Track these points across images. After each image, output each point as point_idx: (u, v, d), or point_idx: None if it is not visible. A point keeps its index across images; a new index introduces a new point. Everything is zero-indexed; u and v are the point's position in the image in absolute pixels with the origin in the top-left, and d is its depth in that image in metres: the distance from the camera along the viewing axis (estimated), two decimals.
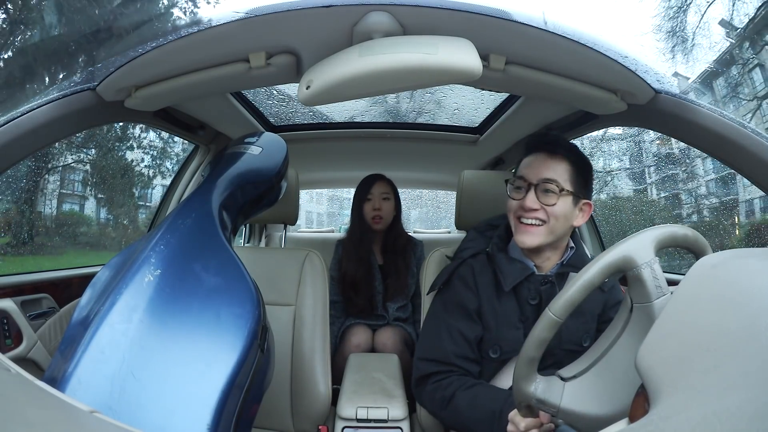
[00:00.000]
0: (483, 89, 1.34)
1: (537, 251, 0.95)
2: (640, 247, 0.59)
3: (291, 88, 1.45)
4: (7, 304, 1.01)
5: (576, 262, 0.97)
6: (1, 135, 0.81)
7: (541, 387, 0.62)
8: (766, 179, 0.81)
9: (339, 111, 1.68)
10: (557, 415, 0.60)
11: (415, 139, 1.83)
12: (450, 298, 1.00)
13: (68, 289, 1.20)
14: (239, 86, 1.19)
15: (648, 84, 0.90)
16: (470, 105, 1.54)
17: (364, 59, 0.74)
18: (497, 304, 0.95)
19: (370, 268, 1.83)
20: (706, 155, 0.96)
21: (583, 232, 1.72)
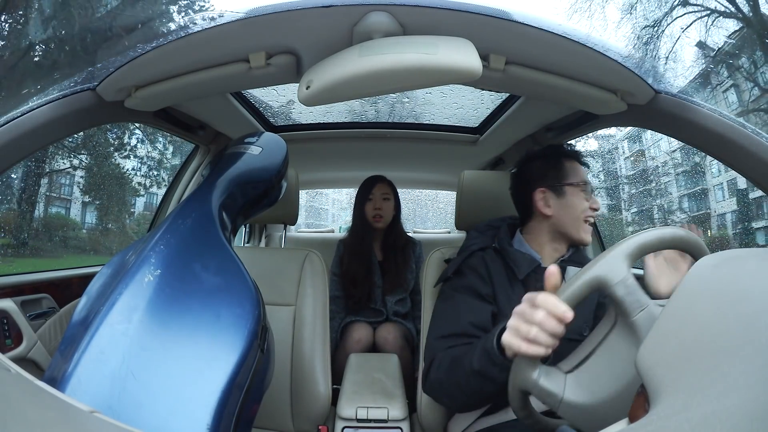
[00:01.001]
0: (483, 89, 1.34)
1: (547, 247, 1.03)
2: (609, 267, 0.59)
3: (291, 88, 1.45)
4: (7, 304, 1.01)
5: (576, 257, 1.02)
6: (1, 135, 0.81)
7: (543, 375, 0.61)
8: (766, 179, 0.81)
9: (339, 111, 1.68)
10: (559, 408, 0.60)
11: (415, 139, 1.84)
12: (461, 284, 1.01)
13: (68, 289, 1.20)
14: (239, 86, 1.19)
15: (648, 84, 0.90)
16: (470, 105, 1.54)
17: (364, 59, 0.74)
18: (510, 292, 0.97)
19: (371, 263, 1.89)
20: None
21: None
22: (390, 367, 1.30)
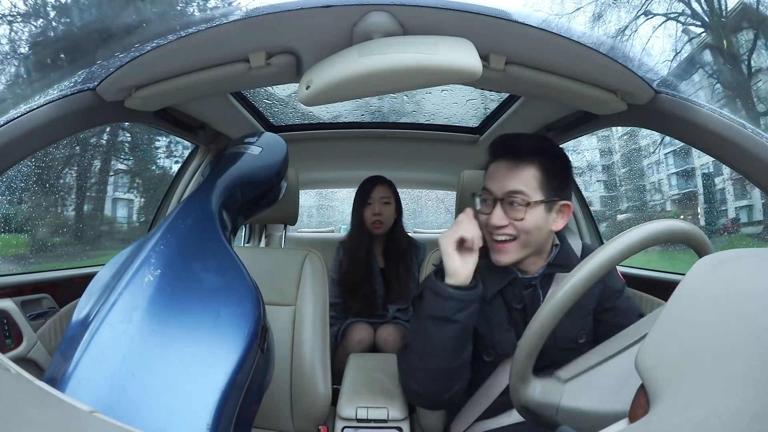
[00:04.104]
0: (483, 89, 1.34)
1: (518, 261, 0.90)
2: None
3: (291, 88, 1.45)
4: (7, 304, 1.01)
5: (562, 260, 0.92)
6: (1, 135, 0.81)
7: (539, 389, 0.61)
8: (766, 179, 0.81)
9: (338, 111, 1.68)
10: (557, 416, 0.60)
11: (415, 139, 1.83)
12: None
13: (68, 289, 1.20)
14: (239, 86, 1.19)
15: (648, 84, 0.90)
16: (470, 105, 1.54)
17: (363, 59, 0.74)
18: (488, 309, 0.91)
19: (371, 272, 1.83)
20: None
21: (581, 226, 1.71)
22: (390, 367, 1.29)
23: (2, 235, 1.87)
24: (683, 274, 0.45)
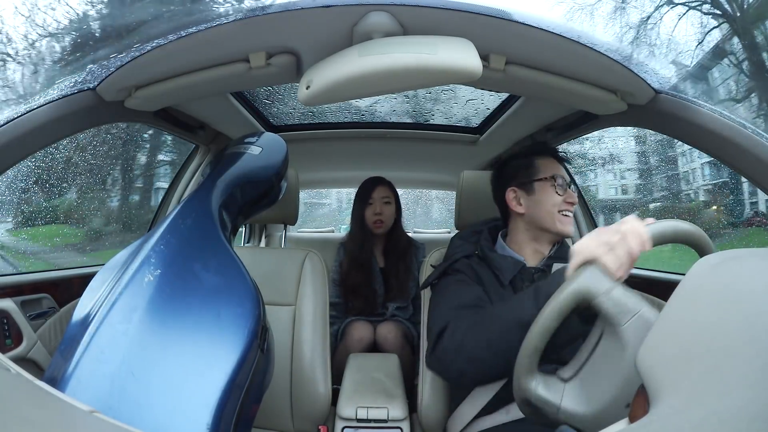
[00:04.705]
0: (483, 89, 1.34)
1: (527, 247, 1.03)
2: (593, 279, 0.59)
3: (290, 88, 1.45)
4: (7, 304, 1.01)
5: (562, 254, 1.02)
6: (1, 135, 0.81)
7: (542, 385, 0.62)
8: (766, 179, 0.81)
9: (339, 111, 1.68)
10: (557, 415, 0.60)
11: (415, 139, 1.84)
12: (453, 278, 1.00)
13: (68, 289, 1.20)
14: (239, 86, 1.19)
15: (648, 84, 0.90)
16: (470, 105, 1.54)
17: (363, 59, 0.74)
18: (501, 296, 0.96)
19: (371, 271, 1.85)
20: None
21: (579, 220, 1.70)
22: (390, 366, 1.30)
23: (55, 225, 1.91)
24: (683, 274, 0.45)
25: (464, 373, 0.87)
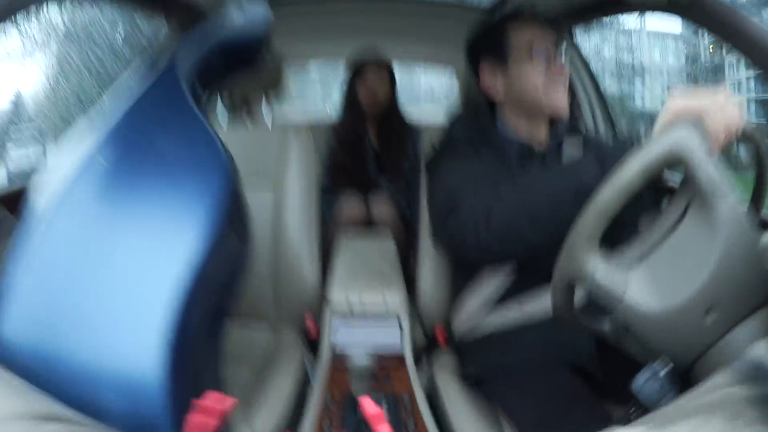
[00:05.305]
0: None
1: (523, 129, 0.92)
2: (693, 138, 0.46)
3: None
4: None
5: (568, 133, 0.94)
6: None
7: (601, 269, 0.50)
8: None
9: None
10: (615, 311, 0.50)
11: (414, 14, 1.58)
12: (457, 160, 0.89)
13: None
14: None
15: None
16: None
17: None
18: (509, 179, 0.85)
19: (363, 155, 1.74)
20: None
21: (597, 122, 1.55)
22: (384, 247, 1.22)
23: None
24: None
25: (489, 247, 0.73)
